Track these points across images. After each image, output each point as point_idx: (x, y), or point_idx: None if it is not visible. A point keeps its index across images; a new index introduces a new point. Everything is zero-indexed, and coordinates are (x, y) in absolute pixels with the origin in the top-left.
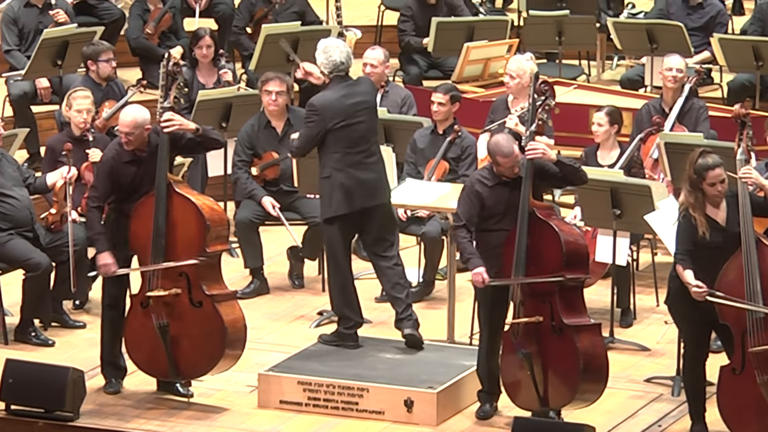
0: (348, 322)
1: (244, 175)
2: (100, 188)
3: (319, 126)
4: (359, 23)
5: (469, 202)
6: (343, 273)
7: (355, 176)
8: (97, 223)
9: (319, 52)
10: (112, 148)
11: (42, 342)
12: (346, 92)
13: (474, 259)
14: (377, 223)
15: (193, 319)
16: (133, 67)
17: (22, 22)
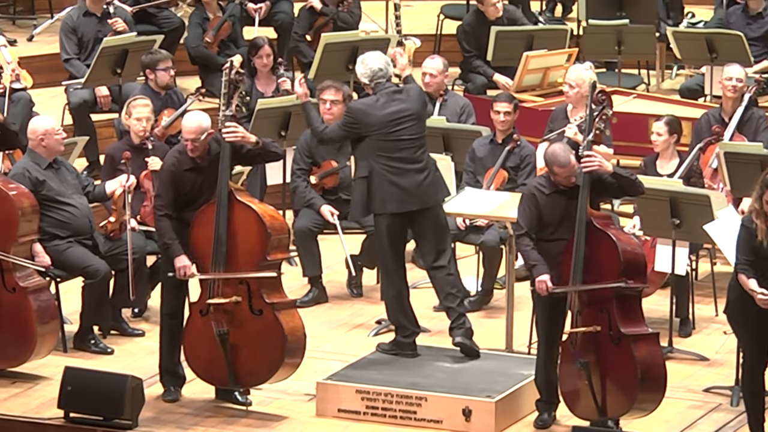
0: (405, 331)
1: (303, 183)
2: (165, 196)
3: (352, 131)
4: (418, 32)
5: (528, 210)
6: (395, 281)
7: (392, 181)
8: (168, 231)
9: (357, 65)
10: (172, 155)
11: (101, 350)
12: (387, 100)
13: (539, 266)
14: (427, 232)
15: (254, 327)
16: (192, 75)
17: (81, 31)
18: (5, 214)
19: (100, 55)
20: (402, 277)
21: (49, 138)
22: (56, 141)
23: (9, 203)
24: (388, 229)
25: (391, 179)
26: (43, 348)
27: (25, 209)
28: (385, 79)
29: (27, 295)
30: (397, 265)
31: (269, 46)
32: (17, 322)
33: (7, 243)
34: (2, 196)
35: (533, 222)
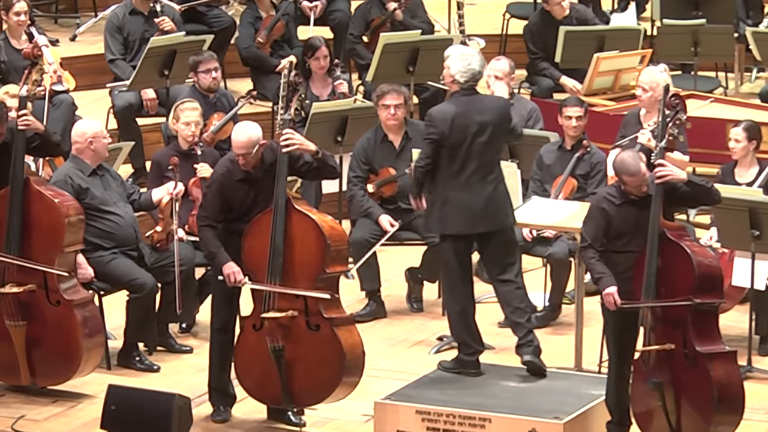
0: (468, 349)
1: (360, 192)
2: (210, 207)
3: (436, 136)
4: (483, 32)
5: (595, 221)
6: (460, 297)
7: (467, 197)
8: (212, 240)
9: (454, 59)
10: (224, 165)
11: (147, 367)
12: (467, 108)
13: (605, 278)
14: (496, 247)
15: (310, 343)
16: (243, 77)
17: (127, 30)
18: (50, 223)
19: (146, 56)
20: (468, 293)
21: (98, 141)
22: (104, 145)
23: (55, 212)
24: (454, 246)
25: (464, 194)
26: (88, 365)
27: (71, 218)
28: (476, 84)
29: (72, 308)
30: (464, 280)
31: (325, 47)
32: (62, 338)
33: (53, 253)
34: (48, 204)
35: (599, 234)
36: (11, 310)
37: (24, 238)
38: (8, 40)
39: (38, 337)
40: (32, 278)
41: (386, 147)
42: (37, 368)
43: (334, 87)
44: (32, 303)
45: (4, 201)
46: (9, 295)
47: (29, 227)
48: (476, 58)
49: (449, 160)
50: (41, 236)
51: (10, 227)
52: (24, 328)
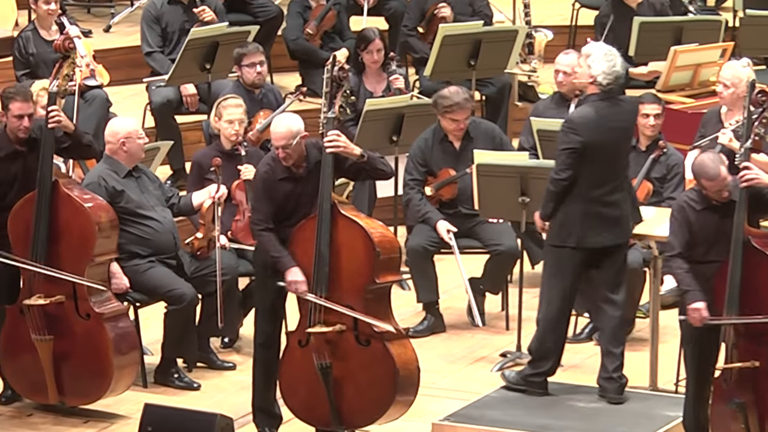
0: (543, 366)
1: (417, 195)
2: (263, 208)
3: (577, 144)
4: (550, 23)
5: (680, 227)
6: (563, 309)
7: (604, 210)
8: (273, 243)
9: (598, 58)
10: (266, 163)
11: (186, 385)
12: (609, 113)
13: (694, 293)
14: (612, 263)
15: (360, 359)
16: (291, 71)
17: (165, 21)
18: (80, 229)
19: (186, 49)
20: (570, 309)
21: (132, 142)
22: (138, 146)
23: (84, 217)
24: (576, 258)
25: (595, 207)
26: (121, 383)
27: (102, 224)
28: (617, 87)
29: (103, 322)
30: (571, 296)
31: (380, 39)
32: (92, 353)
33: (82, 262)
34: (76, 209)
35: (687, 241)
36: (38, 324)
37: (51, 246)
38: (37, 31)
39: (66, 353)
40: (60, 289)
41: (446, 147)
42: (66, 386)
43: (390, 82)
44: (60, 316)
45: (31, 205)
46: (35, 306)
47: (57, 234)
48: (620, 59)
49: (588, 170)
50: (70, 244)
51: (36, 233)
52: (51, 343)
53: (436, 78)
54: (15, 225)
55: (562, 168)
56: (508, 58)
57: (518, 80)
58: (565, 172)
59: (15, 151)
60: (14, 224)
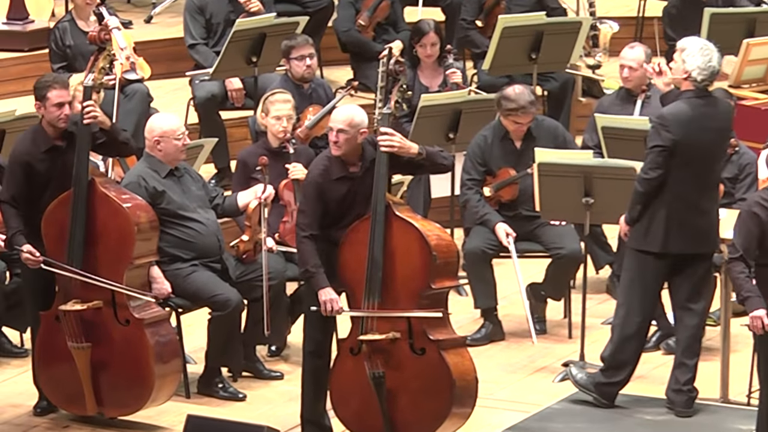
0: (616, 376)
1: (475, 196)
2: (310, 212)
3: (668, 142)
4: (616, 14)
5: (747, 229)
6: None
7: (694, 215)
8: (312, 256)
9: (693, 52)
10: (320, 163)
11: (231, 395)
12: (703, 112)
13: (753, 299)
14: (696, 270)
15: (415, 369)
16: (342, 65)
17: (209, 12)
18: (118, 231)
19: (231, 41)
20: (650, 319)
21: (167, 142)
22: (175, 147)
23: (123, 218)
24: (659, 264)
25: (683, 211)
26: (162, 392)
27: (142, 225)
28: (712, 83)
29: (143, 329)
30: (653, 303)
31: (435, 32)
32: (131, 362)
33: (120, 266)
34: (114, 210)
35: (752, 245)
36: (74, 330)
37: (88, 249)
38: (74, 22)
39: (105, 361)
40: (98, 294)
41: (506, 146)
42: (104, 396)
43: (446, 77)
44: (98, 322)
45: (66, 206)
46: (71, 312)
47: (94, 236)
48: (717, 54)
49: (678, 171)
50: (108, 246)
51: (72, 236)
52: (88, 351)
53: (495, 72)
54: (49, 227)
55: (651, 167)
56: (571, 52)
57: (582, 75)
58: (655, 172)
59: (54, 147)
60: (48, 226)
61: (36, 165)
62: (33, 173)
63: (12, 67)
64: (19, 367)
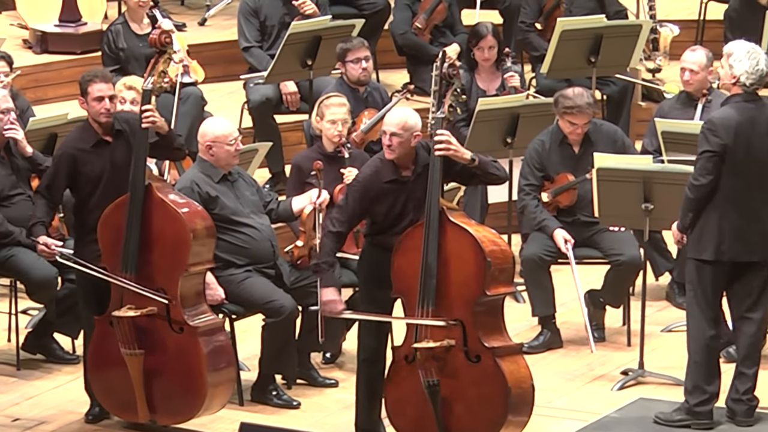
0: (701, 395)
1: (533, 202)
2: (348, 210)
3: (718, 147)
4: (676, 17)
5: None
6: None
7: (747, 221)
8: (329, 252)
9: (740, 56)
10: (372, 164)
11: (285, 403)
12: (753, 116)
13: None
14: (754, 279)
15: (470, 377)
16: (398, 68)
17: (264, 14)
18: (174, 237)
19: (286, 43)
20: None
21: (219, 147)
22: (227, 152)
23: (179, 224)
24: (717, 272)
25: (739, 222)
26: (215, 400)
27: (198, 231)
28: (760, 87)
29: (197, 336)
30: (716, 310)
31: (493, 35)
32: (185, 369)
33: (176, 272)
34: (171, 216)
35: None
36: (127, 337)
37: (143, 254)
38: (127, 25)
39: (158, 368)
40: (152, 300)
41: (564, 150)
42: (157, 403)
43: (504, 80)
44: (151, 328)
45: (122, 210)
46: (125, 318)
47: (149, 242)
48: (764, 57)
49: (729, 177)
50: (163, 253)
51: (127, 241)
52: (141, 358)
53: (554, 76)
54: (105, 231)
55: (702, 173)
56: (631, 55)
57: (642, 78)
58: (705, 178)
59: (100, 142)
60: (104, 231)
61: (82, 160)
62: (79, 168)
63: (64, 70)
64: (70, 373)
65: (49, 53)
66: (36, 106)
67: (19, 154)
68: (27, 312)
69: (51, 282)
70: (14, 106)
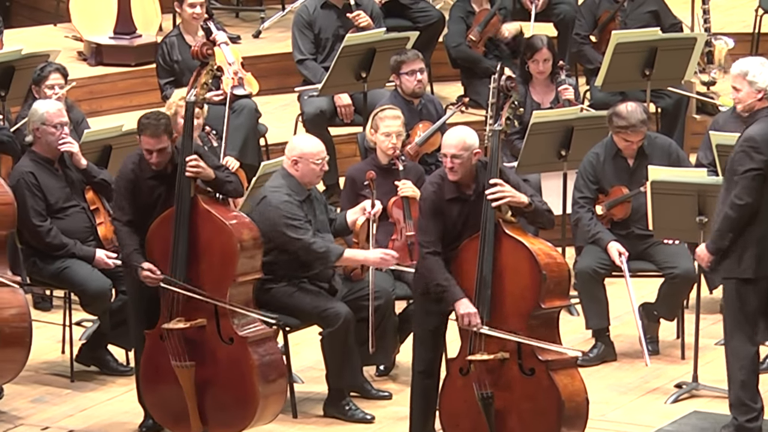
0: (749, 413)
1: (587, 214)
2: (431, 229)
3: (762, 164)
4: (731, 30)
5: None
6: (744, 346)
7: None
8: (440, 270)
9: (757, 72)
10: (434, 181)
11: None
12: None
13: None
14: None
15: (524, 389)
16: (453, 81)
17: (318, 26)
18: (221, 248)
19: (341, 56)
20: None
21: (305, 164)
22: (312, 171)
23: (226, 235)
24: (751, 293)
25: None
26: (267, 412)
27: (245, 243)
28: None
29: (247, 347)
30: (755, 327)
31: (548, 48)
32: (236, 380)
33: (224, 283)
34: (218, 227)
35: None
36: (178, 349)
37: (192, 266)
38: (182, 37)
39: (209, 380)
40: (201, 312)
41: (618, 163)
42: (209, 415)
43: (558, 93)
44: (202, 340)
45: (169, 223)
46: (175, 331)
47: (197, 253)
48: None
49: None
50: (211, 264)
51: (175, 253)
52: (192, 370)
53: (608, 89)
54: (153, 244)
55: (747, 192)
56: (685, 68)
57: (696, 91)
58: (750, 197)
59: (158, 174)
60: (152, 243)
61: (141, 187)
62: (138, 195)
63: (119, 82)
64: (124, 385)
65: (103, 65)
66: (90, 118)
67: (74, 167)
68: (81, 324)
69: (105, 294)
70: (69, 118)
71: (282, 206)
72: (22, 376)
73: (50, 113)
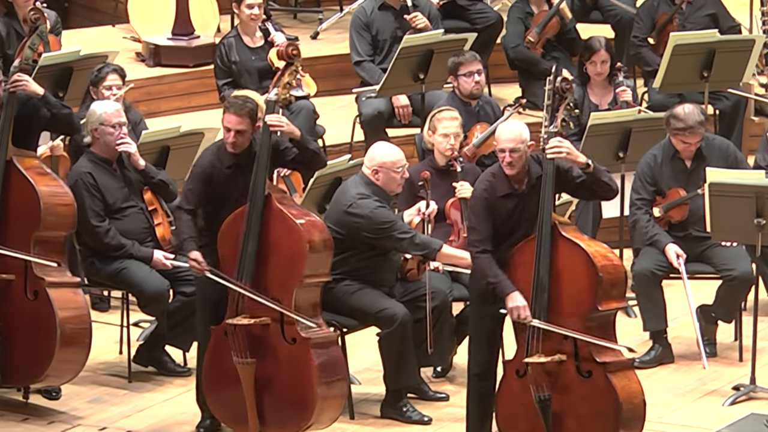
0: None
1: (645, 216)
2: (482, 228)
3: None
4: None
5: None
6: None
7: None
8: (491, 267)
9: None
10: (485, 179)
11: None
12: None
13: None
14: None
15: (581, 392)
16: (511, 82)
17: (376, 28)
18: (290, 248)
19: (398, 57)
20: None
21: (385, 173)
22: (392, 179)
23: (296, 235)
24: None
25: None
26: (325, 414)
27: (314, 244)
28: None
29: (309, 348)
30: None
31: (606, 49)
32: (295, 380)
33: (291, 283)
34: (288, 226)
35: None
36: (240, 345)
37: (260, 264)
38: (240, 38)
39: (269, 379)
40: (267, 310)
41: (676, 165)
42: (267, 415)
43: (616, 95)
44: (264, 338)
45: (241, 220)
46: (239, 327)
47: (266, 251)
48: None
49: None
50: (279, 263)
51: (245, 250)
52: (253, 367)
53: (666, 90)
54: (224, 240)
55: None
56: (744, 70)
57: (755, 93)
58: None
59: (236, 164)
60: (223, 240)
61: (217, 178)
62: (212, 184)
63: (177, 83)
64: (182, 386)
65: (161, 66)
66: (148, 119)
67: (132, 167)
68: (138, 324)
69: (163, 295)
70: (127, 119)
71: (377, 213)
72: (80, 377)
73: (108, 113)
